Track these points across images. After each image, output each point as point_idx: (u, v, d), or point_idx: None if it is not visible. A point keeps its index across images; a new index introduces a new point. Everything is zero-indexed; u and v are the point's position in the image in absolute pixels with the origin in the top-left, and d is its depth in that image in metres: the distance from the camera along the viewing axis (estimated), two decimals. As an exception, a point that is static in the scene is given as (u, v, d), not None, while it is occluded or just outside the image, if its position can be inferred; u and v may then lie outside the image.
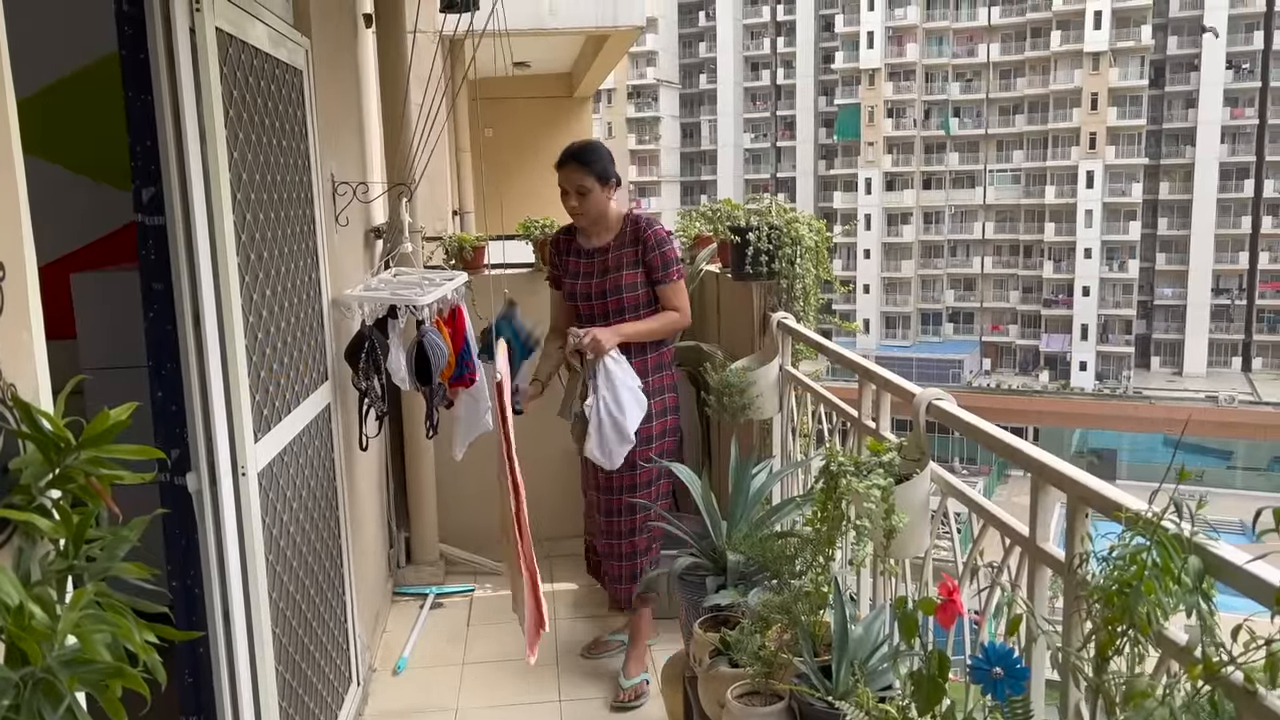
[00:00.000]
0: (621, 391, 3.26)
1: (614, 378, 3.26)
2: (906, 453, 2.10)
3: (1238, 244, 45.46)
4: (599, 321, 3.37)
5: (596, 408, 3.24)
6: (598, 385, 3.25)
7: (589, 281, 3.42)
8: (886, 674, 2.19)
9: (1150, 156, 46.10)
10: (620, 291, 3.36)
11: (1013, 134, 48.83)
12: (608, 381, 3.25)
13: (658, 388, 3.44)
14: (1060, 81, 46.69)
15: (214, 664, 2.21)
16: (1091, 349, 45.74)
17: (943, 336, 49.52)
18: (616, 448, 3.28)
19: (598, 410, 3.24)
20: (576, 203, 3.37)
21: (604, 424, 3.25)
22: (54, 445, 1.17)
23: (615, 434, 3.26)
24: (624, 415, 3.25)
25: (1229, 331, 45.43)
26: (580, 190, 3.35)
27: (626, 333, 3.32)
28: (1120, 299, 46.00)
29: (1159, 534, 1.17)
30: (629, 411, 3.26)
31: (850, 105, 51.19)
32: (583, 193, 3.35)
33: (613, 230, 3.44)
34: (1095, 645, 1.28)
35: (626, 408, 3.25)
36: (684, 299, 3.44)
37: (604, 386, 3.25)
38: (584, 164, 3.35)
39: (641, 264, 3.37)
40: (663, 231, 3.42)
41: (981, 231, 49.36)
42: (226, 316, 2.17)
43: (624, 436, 3.27)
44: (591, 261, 3.43)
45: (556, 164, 3.40)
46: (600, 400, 3.24)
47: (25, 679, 1.00)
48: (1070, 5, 46.11)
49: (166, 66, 2.04)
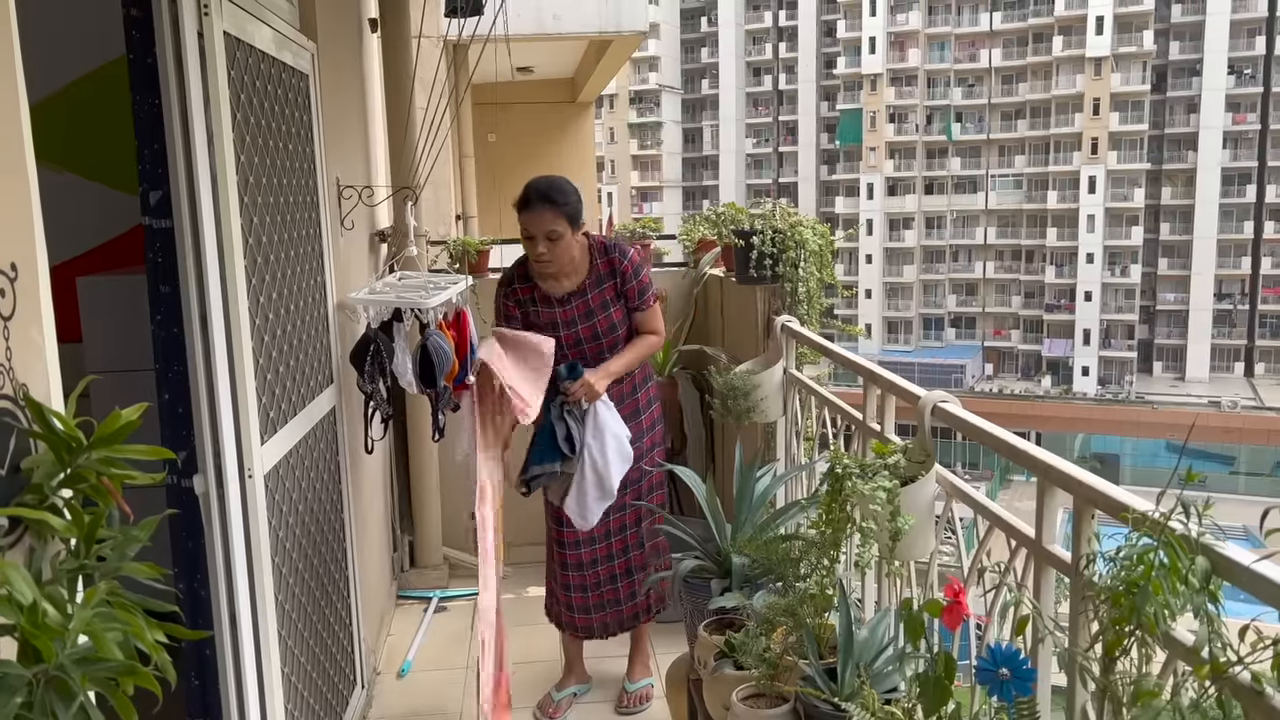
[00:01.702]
0: (609, 442, 3.09)
1: (604, 426, 3.09)
2: (911, 455, 2.10)
3: (1240, 249, 45.45)
4: (588, 362, 3.17)
5: (582, 461, 3.05)
6: (584, 436, 3.07)
7: (573, 331, 3.18)
8: (892, 676, 2.19)
9: (1152, 161, 46.12)
10: (614, 330, 3.19)
11: (1015, 139, 48.86)
12: (596, 430, 3.08)
13: (646, 402, 3.35)
14: (1062, 86, 46.72)
15: (220, 666, 2.22)
16: (1094, 354, 45.72)
17: (944, 341, 49.51)
18: (596, 505, 3.11)
19: (583, 464, 3.05)
20: (545, 249, 3.02)
21: (587, 479, 3.06)
22: (66, 445, 1.17)
23: (598, 490, 3.09)
24: (609, 470, 3.07)
25: (1231, 337, 45.41)
26: (550, 236, 3.01)
27: (615, 371, 3.15)
28: (1122, 304, 45.99)
29: (1166, 534, 1.17)
30: (614, 466, 3.09)
31: (852, 110, 51.24)
32: (553, 238, 3.01)
33: (580, 271, 3.16)
34: (1102, 646, 1.28)
35: (612, 462, 3.08)
36: (660, 321, 3.28)
37: (591, 436, 3.07)
38: (556, 205, 3.00)
39: (621, 296, 3.19)
40: (636, 258, 3.23)
41: (983, 236, 49.37)
42: (233, 319, 2.17)
43: (606, 493, 3.10)
44: (569, 308, 3.17)
45: (519, 204, 3.03)
46: (586, 452, 3.06)
47: (38, 676, 1.01)
48: (1072, 10, 46.15)
49: (175, 70, 2.05)
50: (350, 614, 3.21)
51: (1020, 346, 48.24)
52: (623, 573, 3.38)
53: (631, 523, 3.37)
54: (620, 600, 3.39)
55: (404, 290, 3.38)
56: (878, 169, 50.30)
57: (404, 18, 4.18)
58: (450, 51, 5.54)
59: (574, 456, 3.05)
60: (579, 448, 3.06)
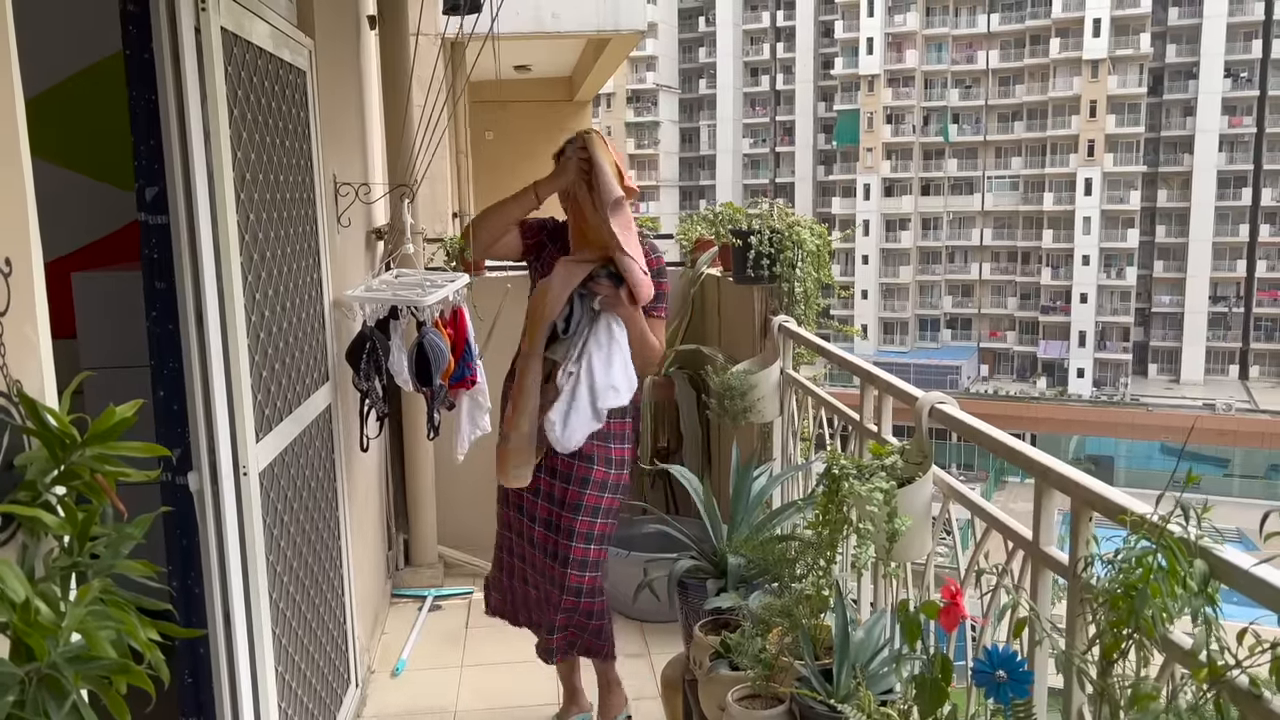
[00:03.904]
0: (615, 358, 2.87)
1: (614, 340, 2.89)
2: (909, 456, 2.10)
3: (1235, 252, 45.55)
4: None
5: (580, 370, 2.85)
6: (585, 345, 2.86)
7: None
8: (887, 678, 2.19)
9: (1148, 164, 46.20)
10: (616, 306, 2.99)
11: (1011, 140, 48.91)
12: (607, 341, 2.88)
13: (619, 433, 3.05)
14: (1059, 88, 46.78)
15: (214, 664, 2.21)
16: (1089, 356, 45.78)
17: (940, 343, 49.56)
18: (581, 426, 2.85)
19: (580, 372, 2.85)
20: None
21: (579, 392, 2.84)
22: (60, 441, 1.16)
23: (590, 408, 2.84)
24: (607, 387, 2.84)
25: (1226, 339, 45.51)
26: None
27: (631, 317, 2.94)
28: (1118, 306, 46.07)
29: (1166, 537, 1.17)
30: (613, 386, 2.86)
31: (849, 111, 51.26)
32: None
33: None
34: (1100, 648, 1.28)
35: (616, 379, 2.87)
36: (662, 335, 3.11)
37: (596, 348, 2.86)
38: None
39: None
40: (662, 262, 3.10)
41: (980, 238, 49.42)
42: (229, 316, 2.17)
43: (597, 414, 2.86)
44: None
45: (557, 154, 3.03)
46: (585, 360, 2.85)
47: (30, 675, 1.00)
48: (1069, 13, 46.21)
49: (172, 66, 2.04)
50: (345, 612, 3.20)
51: (1016, 348, 48.29)
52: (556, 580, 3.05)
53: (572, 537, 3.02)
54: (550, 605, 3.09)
55: (400, 288, 3.37)
56: (874, 170, 50.32)
57: (402, 15, 4.17)
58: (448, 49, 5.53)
59: (564, 337, 2.88)
60: (579, 343, 2.87)
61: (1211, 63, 45.37)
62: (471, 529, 4.59)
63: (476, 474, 4.35)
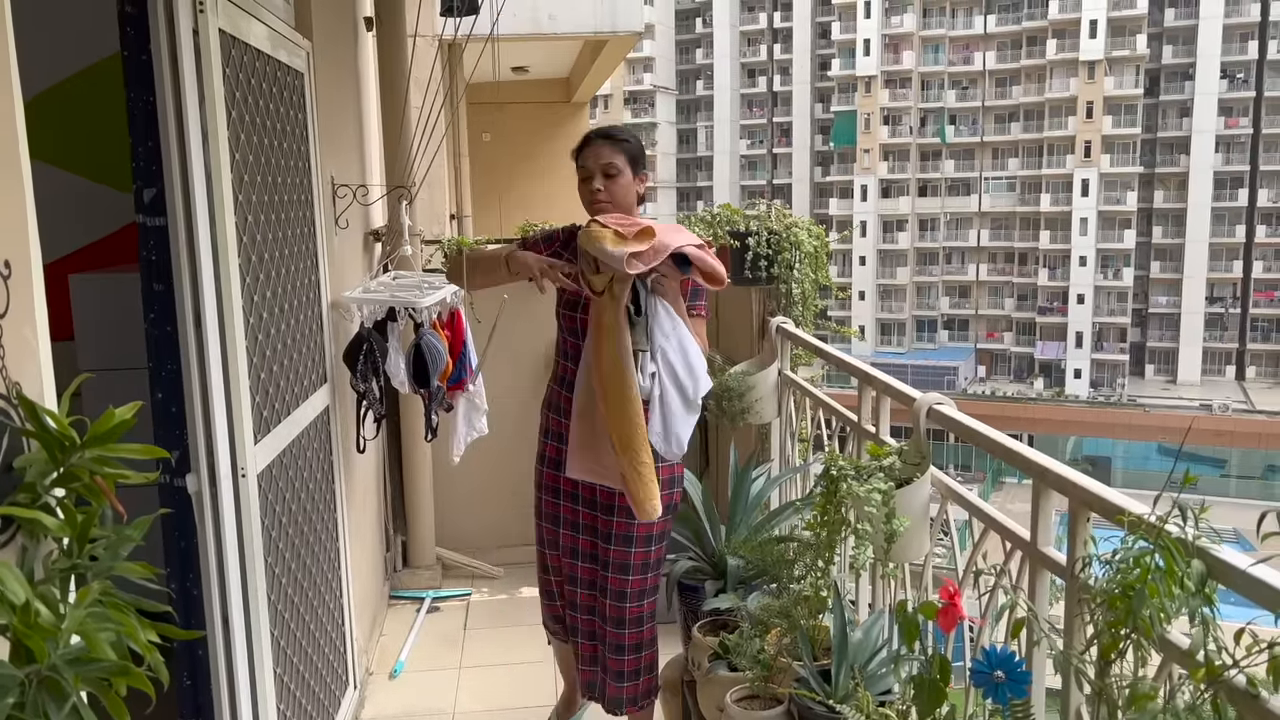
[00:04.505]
0: (689, 345, 2.55)
1: (677, 322, 2.56)
2: (907, 457, 2.11)
3: (1232, 253, 45.63)
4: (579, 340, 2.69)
5: (659, 366, 2.50)
6: (651, 336, 2.51)
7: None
8: (885, 678, 2.20)
9: (1145, 165, 46.28)
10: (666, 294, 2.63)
11: (1008, 142, 48.98)
12: (671, 327, 2.54)
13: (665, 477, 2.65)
14: (1056, 90, 46.86)
15: (212, 666, 2.20)
16: (1086, 356, 45.85)
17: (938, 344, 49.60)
18: (684, 424, 2.53)
19: (661, 370, 2.50)
20: (601, 186, 2.62)
21: (666, 387, 2.50)
22: (59, 444, 1.16)
23: (682, 403, 2.52)
24: (692, 374, 2.53)
25: (1223, 340, 45.58)
26: (608, 171, 2.63)
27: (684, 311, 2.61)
28: (1115, 307, 46.13)
29: (1163, 537, 1.17)
30: (695, 372, 2.54)
31: (846, 112, 51.31)
32: (610, 174, 2.63)
33: None
34: (1098, 649, 1.28)
35: (695, 366, 2.55)
36: (703, 332, 2.73)
37: (663, 338, 2.52)
38: (614, 140, 2.67)
39: None
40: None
41: (977, 239, 49.49)
42: (227, 318, 2.17)
43: (693, 405, 2.55)
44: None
45: (576, 149, 2.73)
46: (660, 356, 2.51)
47: (30, 677, 1.00)
48: (1066, 14, 46.29)
49: (170, 68, 2.04)
50: (343, 614, 3.20)
51: (1013, 349, 48.35)
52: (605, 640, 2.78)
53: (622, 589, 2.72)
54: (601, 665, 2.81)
55: (398, 290, 3.37)
56: (872, 171, 50.38)
57: (400, 16, 4.17)
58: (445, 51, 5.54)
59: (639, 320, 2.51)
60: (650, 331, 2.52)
61: (1208, 64, 45.47)
62: (469, 531, 4.59)
63: (474, 476, 4.35)
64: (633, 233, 2.40)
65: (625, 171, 2.65)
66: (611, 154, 2.65)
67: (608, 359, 2.47)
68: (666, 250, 2.39)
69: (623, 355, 2.44)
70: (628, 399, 2.46)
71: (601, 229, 2.42)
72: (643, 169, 2.70)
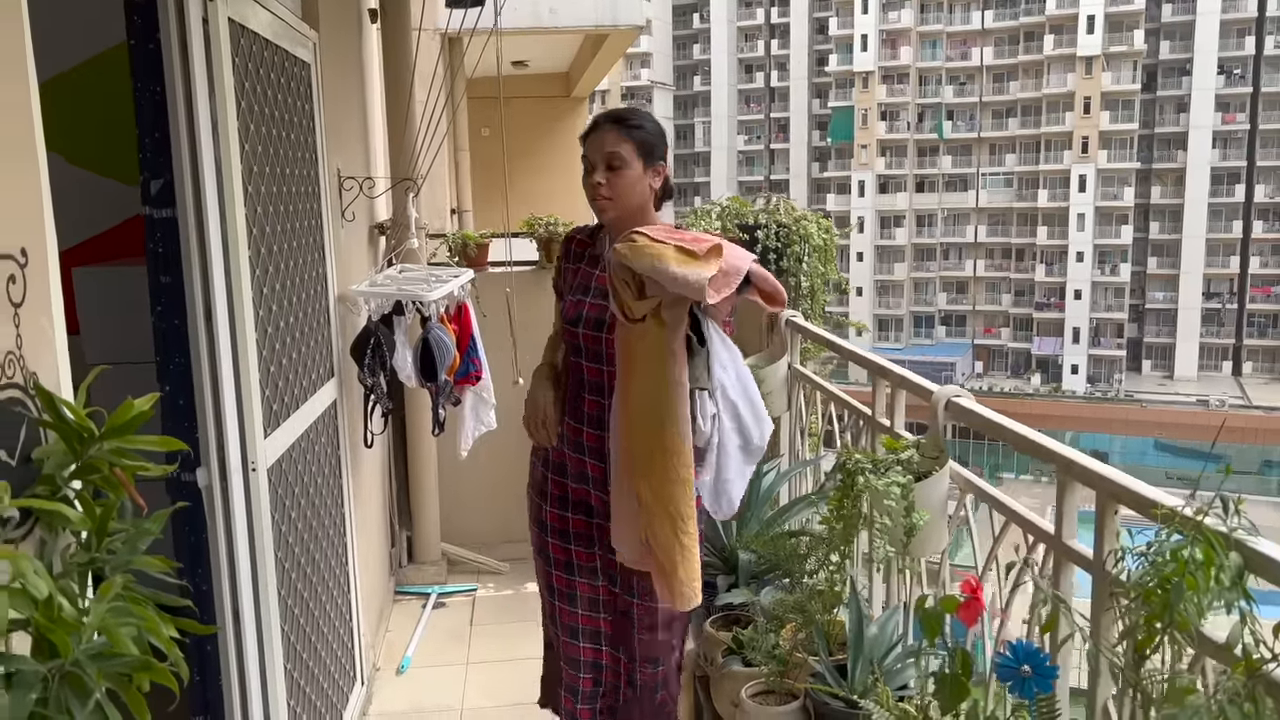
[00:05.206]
0: (744, 372, 2.14)
1: (731, 348, 2.13)
2: (924, 450, 2.09)
3: (1229, 248, 45.66)
4: (602, 365, 2.26)
5: (720, 407, 2.07)
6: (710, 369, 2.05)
7: (597, 303, 2.26)
8: (902, 673, 2.18)
9: (1142, 160, 46.26)
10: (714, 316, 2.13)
11: (1005, 137, 48.95)
12: (729, 357, 2.11)
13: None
14: (1053, 85, 46.82)
15: (223, 662, 2.19)
16: (1083, 352, 45.87)
17: (935, 339, 49.60)
18: (741, 480, 2.14)
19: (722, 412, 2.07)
20: (603, 180, 2.21)
21: (727, 438, 2.08)
22: (77, 435, 1.14)
23: (741, 452, 2.13)
24: (758, 414, 2.14)
25: (1220, 336, 45.62)
26: (610, 162, 2.21)
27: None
28: (1112, 302, 46.15)
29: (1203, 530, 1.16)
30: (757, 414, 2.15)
31: (844, 108, 51.25)
32: (614, 166, 2.21)
33: None
34: (1131, 644, 1.27)
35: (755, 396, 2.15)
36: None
37: (720, 368, 2.07)
38: (622, 126, 2.24)
39: None
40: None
41: (974, 235, 49.48)
42: (238, 310, 2.14)
43: (754, 454, 2.16)
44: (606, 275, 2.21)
45: (584, 133, 2.32)
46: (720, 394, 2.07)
47: (53, 672, 0.98)
48: (1063, 9, 46.24)
49: (179, 57, 2.01)
50: (351, 609, 3.18)
51: (1010, 344, 48.36)
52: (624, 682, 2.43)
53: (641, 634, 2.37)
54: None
55: (405, 283, 3.35)
56: (869, 166, 50.35)
57: (404, 9, 4.15)
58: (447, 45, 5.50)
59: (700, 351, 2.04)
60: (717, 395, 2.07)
61: (1205, 59, 45.45)
62: (475, 526, 4.57)
63: (480, 470, 4.33)
64: (703, 249, 1.95)
65: (633, 163, 2.21)
66: (617, 141, 2.22)
67: (647, 398, 2.03)
68: (740, 274, 1.99)
69: (677, 395, 1.98)
70: (674, 450, 2.00)
71: (654, 244, 1.95)
72: (658, 160, 2.27)
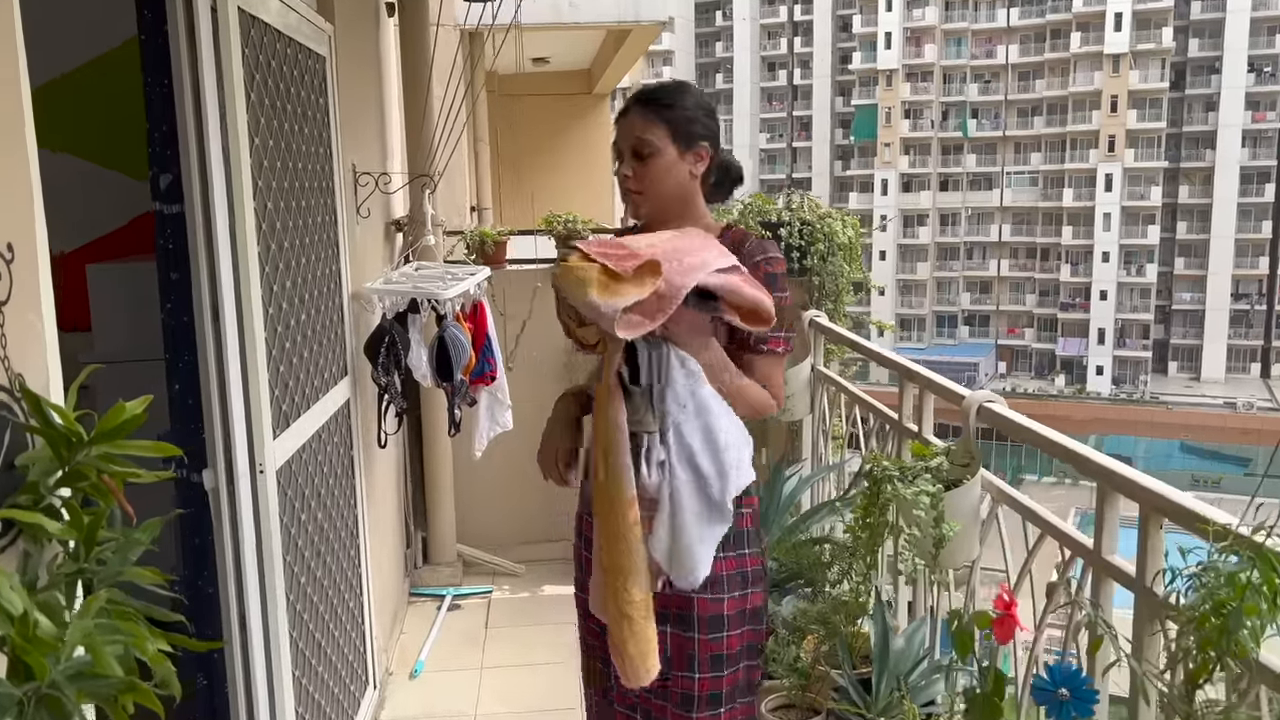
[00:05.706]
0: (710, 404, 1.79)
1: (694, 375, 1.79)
2: (954, 457, 2.00)
3: (1258, 249, 45.04)
4: None
5: (672, 452, 1.76)
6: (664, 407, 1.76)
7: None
8: (928, 689, 2.10)
9: (1170, 160, 45.73)
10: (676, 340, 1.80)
11: (1031, 136, 48.52)
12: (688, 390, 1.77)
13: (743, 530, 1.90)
14: (1079, 83, 46.35)
15: (229, 668, 2.13)
16: (1108, 353, 45.39)
17: (958, 339, 49.23)
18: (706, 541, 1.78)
19: (673, 458, 1.76)
20: (630, 171, 1.92)
21: (680, 489, 1.76)
22: (65, 440, 1.08)
23: (705, 507, 1.77)
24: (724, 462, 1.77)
25: (1248, 337, 45.01)
26: (639, 150, 1.91)
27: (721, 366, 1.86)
28: (1138, 303, 45.64)
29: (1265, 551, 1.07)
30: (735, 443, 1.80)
31: (867, 106, 50.96)
32: (643, 154, 1.90)
33: None
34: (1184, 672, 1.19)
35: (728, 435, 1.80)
36: (779, 379, 2.00)
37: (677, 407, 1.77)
38: (654, 107, 1.92)
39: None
40: (780, 268, 1.94)
41: (998, 234, 49.06)
42: (246, 308, 2.09)
43: (718, 510, 1.78)
44: None
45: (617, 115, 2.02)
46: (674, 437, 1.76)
47: (29, 695, 0.92)
48: (1090, 7, 45.76)
49: (187, 49, 1.96)
50: (363, 613, 3.13)
51: (1034, 345, 47.93)
52: None
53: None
54: None
55: (421, 281, 3.29)
56: (892, 165, 50.03)
57: (422, 3, 4.09)
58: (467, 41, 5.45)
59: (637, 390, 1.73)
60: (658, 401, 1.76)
61: (1234, 57, 44.85)
62: (491, 527, 4.52)
63: (496, 471, 4.28)
64: (630, 269, 1.67)
65: (665, 149, 1.89)
66: (645, 126, 1.90)
67: (600, 439, 1.80)
68: (680, 293, 1.68)
69: (614, 438, 1.75)
70: (614, 500, 1.75)
71: (583, 266, 1.70)
72: (699, 142, 1.92)
